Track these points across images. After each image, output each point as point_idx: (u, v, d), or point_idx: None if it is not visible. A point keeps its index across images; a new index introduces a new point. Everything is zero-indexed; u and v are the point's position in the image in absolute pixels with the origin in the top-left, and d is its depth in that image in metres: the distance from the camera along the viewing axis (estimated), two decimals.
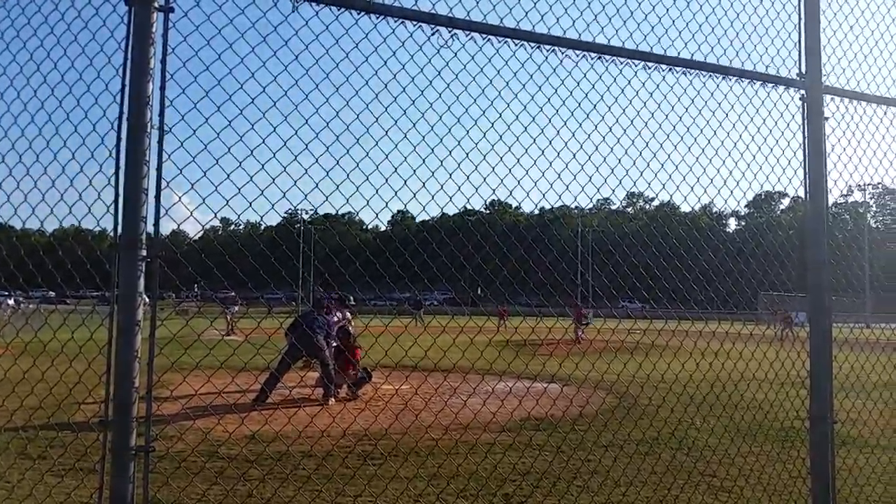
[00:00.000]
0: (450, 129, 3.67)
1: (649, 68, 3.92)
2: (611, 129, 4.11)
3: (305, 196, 3.36)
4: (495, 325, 32.68)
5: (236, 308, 30.78)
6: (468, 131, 3.74)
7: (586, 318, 28.95)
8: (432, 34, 3.35)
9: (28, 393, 4.49)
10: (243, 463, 6.47)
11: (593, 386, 10.74)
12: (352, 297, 14.42)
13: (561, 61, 3.73)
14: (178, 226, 3.41)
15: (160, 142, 2.79)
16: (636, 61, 3.89)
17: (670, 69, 3.98)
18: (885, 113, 4.85)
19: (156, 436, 4.90)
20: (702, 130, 4.33)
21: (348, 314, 13.46)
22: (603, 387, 10.48)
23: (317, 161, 3.29)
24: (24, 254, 3.72)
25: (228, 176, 3.07)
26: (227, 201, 3.16)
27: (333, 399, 11.10)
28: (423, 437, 7.30)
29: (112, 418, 2.76)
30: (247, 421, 5.77)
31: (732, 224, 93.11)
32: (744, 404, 6.22)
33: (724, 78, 4.15)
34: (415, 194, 3.66)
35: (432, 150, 3.59)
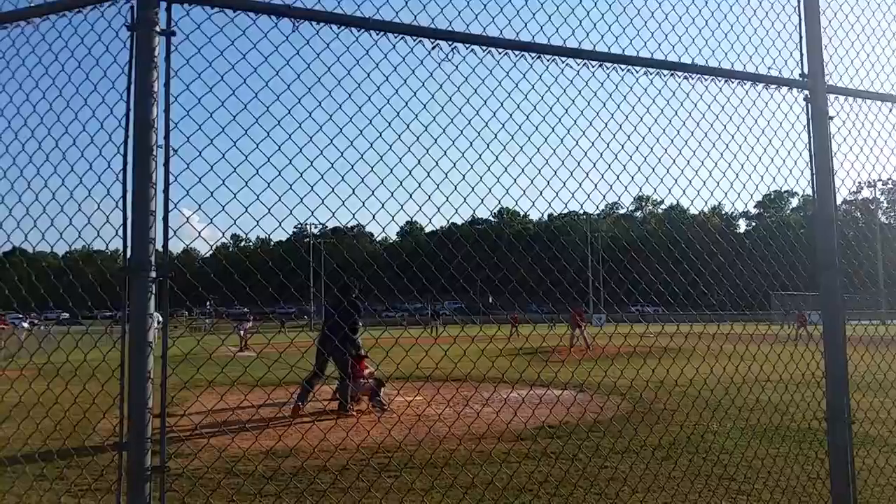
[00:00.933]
0: (454, 142, 3.68)
1: (651, 73, 3.93)
2: (614, 135, 4.12)
3: (312, 212, 3.39)
4: (506, 333, 32.68)
5: (249, 324, 31.02)
6: (472, 143, 3.76)
7: (589, 322, 28.78)
8: (433, 48, 3.38)
9: (43, 416, 4.51)
10: (259, 479, 6.46)
11: (607, 392, 10.70)
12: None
13: (562, 70, 3.74)
14: (188, 245, 3.45)
15: (166, 164, 2.81)
16: (637, 67, 3.90)
17: (672, 74, 3.98)
18: (891, 110, 4.84)
19: (171, 455, 4.91)
20: (706, 134, 4.32)
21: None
22: (617, 393, 10.43)
23: (322, 178, 3.31)
24: (35, 278, 3.76)
25: (235, 195, 3.10)
26: (235, 220, 3.19)
27: (351, 409, 11.01)
28: (438, 448, 7.28)
29: (126, 439, 2.77)
30: (261, 437, 5.78)
31: (742, 225, 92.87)
32: (759, 406, 6.18)
33: (726, 81, 4.14)
34: (420, 207, 3.68)
35: (436, 162, 3.61)
